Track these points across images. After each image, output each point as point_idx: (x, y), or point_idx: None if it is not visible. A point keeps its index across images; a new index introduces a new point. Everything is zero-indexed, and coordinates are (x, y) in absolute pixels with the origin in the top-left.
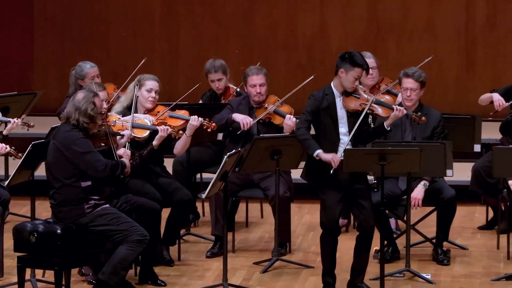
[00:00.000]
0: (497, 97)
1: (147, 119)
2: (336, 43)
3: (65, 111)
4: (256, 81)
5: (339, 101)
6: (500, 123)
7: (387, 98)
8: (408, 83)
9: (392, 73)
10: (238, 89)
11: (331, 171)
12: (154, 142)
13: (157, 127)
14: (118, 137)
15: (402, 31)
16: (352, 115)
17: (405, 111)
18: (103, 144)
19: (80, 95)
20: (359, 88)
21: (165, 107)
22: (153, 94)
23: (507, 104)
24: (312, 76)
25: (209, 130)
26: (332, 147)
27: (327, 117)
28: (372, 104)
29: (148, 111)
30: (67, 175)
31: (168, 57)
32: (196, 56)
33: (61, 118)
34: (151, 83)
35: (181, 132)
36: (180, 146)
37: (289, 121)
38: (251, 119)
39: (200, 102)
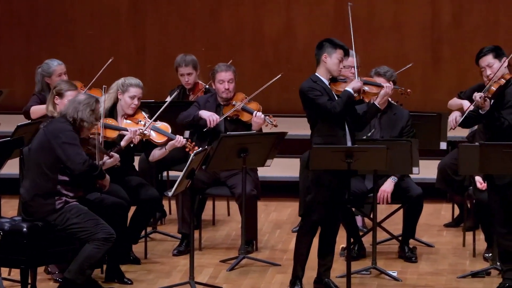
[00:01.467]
0: (468, 106)
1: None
2: (303, 41)
3: (63, 109)
4: (225, 77)
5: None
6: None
7: (372, 78)
8: (380, 82)
9: (362, 71)
10: (207, 86)
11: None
12: (122, 143)
13: (127, 127)
14: (106, 156)
15: (368, 28)
16: None
17: (393, 86)
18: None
19: (82, 97)
20: (343, 74)
21: (144, 115)
22: (135, 101)
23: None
24: (280, 75)
25: (190, 152)
26: (338, 131)
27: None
28: (362, 84)
29: (128, 115)
30: (47, 163)
31: (135, 55)
32: (162, 54)
33: (57, 114)
34: (135, 90)
35: (147, 135)
36: (156, 156)
37: (257, 118)
38: (217, 116)
39: (169, 97)
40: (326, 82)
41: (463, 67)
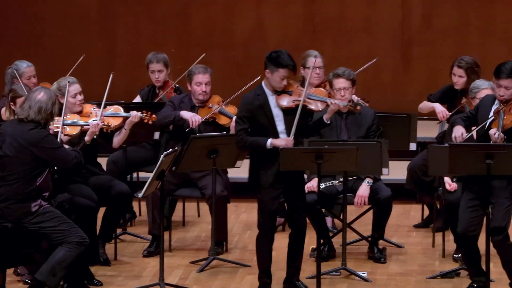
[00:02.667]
0: (440, 109)
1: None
2: (273, 42)
3: (25, 109)
4: (203, 80)
5: (272, 100)
6: (437, 122)
7: (320, 91)
8: (340, 83)
9: (329, 71)
10: (177, 85)
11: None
12: (86, 138)
13: (87, 122)
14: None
15: (339, 30)
16: (288, 113)
17: (340, 104)
18: None
19: (43, 95)
20: (291, 83)
21: (92, 105)
22: (79, 97)
23: (450, 114)
24: (259, 77)
25: (150, 122)
26: (273, 136)
27: (262, 116)
28: (306, 99)
29: (78, 112)
30: (27, 171)
31: (105, 56)
32: (132, 55)
33: (17, 115)
34: (73, 88)
35: (112, 126)
36: (118, 140)
37: None
38: (199, 117)
39: (138, 97)
40: (270, 94)
41: (433, 68)
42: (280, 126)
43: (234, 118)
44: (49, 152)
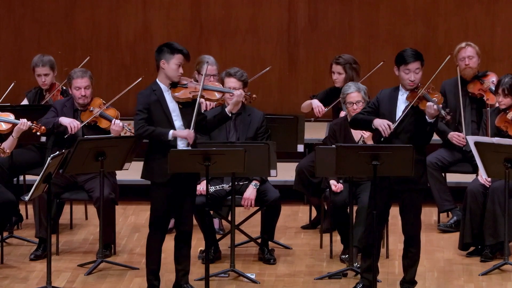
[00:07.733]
0: (316, 104)
1: None
2: (160, 44)
3: None
4: (81, 84)
5: (168, 95)
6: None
7: (215, 83)
8: (231, 82)
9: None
10: (64, 87)
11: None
12: None
13: None
14: None
15: (225, 31)
16: (185, 106)
17: (242, 94)
18: None
19: None
20: (185, 78)
21: None
22: None
23: (326, 109)
24: (140, 78)
25: (38, 133)
26: (170, 142)
27: (158, 110)
28: (204, 90)
29: None
30: None
31: None
32: (17, 57)
33: None
34: None
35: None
36: (6, 148)
37: (115, 126)
38: (78, 123)
39: (25, 99)
40: (165, 89)
41: (319, 70)
42: (178, 121)
43: (113, 121)
44: None
